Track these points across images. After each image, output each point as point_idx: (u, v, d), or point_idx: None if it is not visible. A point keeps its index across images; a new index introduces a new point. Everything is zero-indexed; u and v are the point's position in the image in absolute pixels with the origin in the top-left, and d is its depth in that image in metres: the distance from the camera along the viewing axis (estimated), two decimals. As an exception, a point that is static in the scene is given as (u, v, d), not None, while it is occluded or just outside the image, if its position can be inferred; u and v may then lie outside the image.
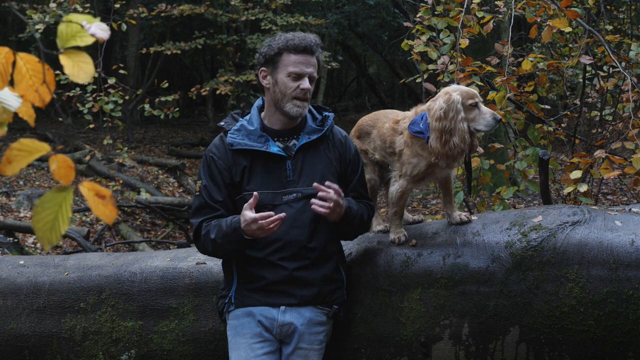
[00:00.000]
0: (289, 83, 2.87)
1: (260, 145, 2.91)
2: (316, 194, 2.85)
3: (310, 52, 2.88)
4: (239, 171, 2.91)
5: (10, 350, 3.49)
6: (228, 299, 2.96)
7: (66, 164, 1.29)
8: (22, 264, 3.72)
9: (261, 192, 2.86)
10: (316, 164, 2.95)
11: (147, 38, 20.20)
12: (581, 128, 6.05)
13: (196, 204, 2.96)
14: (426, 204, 10.84)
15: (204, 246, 2.94)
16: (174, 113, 7.55)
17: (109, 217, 1.32)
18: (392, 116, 3.21)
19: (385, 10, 16.94)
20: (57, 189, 1.30)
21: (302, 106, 2.90)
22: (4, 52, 1.29)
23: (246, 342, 2.88)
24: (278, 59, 2.89)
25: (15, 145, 1.29)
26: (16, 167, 1.28)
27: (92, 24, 1.31)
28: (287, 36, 2.90)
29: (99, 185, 1.32)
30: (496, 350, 2.88)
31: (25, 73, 1.30)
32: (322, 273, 2.93)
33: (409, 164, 3.04)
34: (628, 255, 2.77)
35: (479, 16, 4.72)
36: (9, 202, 10.85)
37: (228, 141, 2.94)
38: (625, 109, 4.66)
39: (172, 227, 10.86)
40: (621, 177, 6.13)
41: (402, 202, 3.10)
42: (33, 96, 1.30)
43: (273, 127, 2.97)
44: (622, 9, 8.02)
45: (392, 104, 21.32)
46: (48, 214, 1.30)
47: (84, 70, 1.31)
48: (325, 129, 3.00)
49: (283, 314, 2.89)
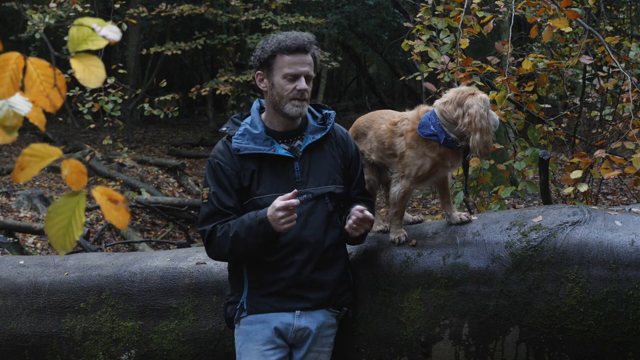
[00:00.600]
0: (286, 85, 2.85)
1: (267, 149, 2.88)
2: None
3: (304, 50, 2.86)
4: (247, 176, 2.88)
5: (10, 350, 3.49)
6: (240, 305, 2.90)
7: (78, 169, 1.27)
8: (22, 264, 3.72)
9: (271, 196, 2.83)
10: (323, 163, 2.95)
11: (147, 38, 20.19)
12: (581, 128, 6.05)
13: (206, 212, 2.89)
14: (426, 204, 10.84)
15: (219, 248, 2.87)
16: (174, 112, 7.54)
17: (122, 223, 1.30)
18: (388, 117, 3.18)
19: (385, 10, 16.94)
20: (69, 194, 1.29)
21: (301, 106, 2.88)
22: (15, 58, 1.28)
23: (258, 348, 2.84)
24: (272, 62, 2.86)
25: (27, 150, 1.28)
26: (29, 174, 1.27)
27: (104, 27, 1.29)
28: (279, 38, 2.87)
29: (112, 190, 1.30)
30: (496, 350, 2.88)
31: (36, 78, 1.29)
32: (335, 275, 2.92)
33: (413, 165, 3.02)
34: (628, 255, 2.77)
35: (479, 16, 4.71)
36: (9, 202, 10.85)
37: (234, 146, 2.89)
38: (625, 109, 4.66)
39: (172, 227, 10.86)
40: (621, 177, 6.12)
41: (404, 202, 3.10)
42: (44, 102, 1.30)
43: (276, 129, 2.95)
44: (622, 9, 8.02)
45: (392, 104, 21.31)
46: (61, 219, 1.28)
47: (95, 75, 1.29)
48: (328, 128, 2.99)
49: (298, 318, 2.87)
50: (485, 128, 2.94)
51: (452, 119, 2.96)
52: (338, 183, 2.96)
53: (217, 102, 21.17)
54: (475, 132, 2.94)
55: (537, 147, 4.68)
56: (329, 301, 2.92)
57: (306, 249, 2.86)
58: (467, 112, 2.95)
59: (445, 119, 2.97)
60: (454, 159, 3.06)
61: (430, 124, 2.97)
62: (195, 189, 12.82)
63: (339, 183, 2.97)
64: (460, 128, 2.94)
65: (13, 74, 1.27)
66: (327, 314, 2.93)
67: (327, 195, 2.92)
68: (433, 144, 2.99)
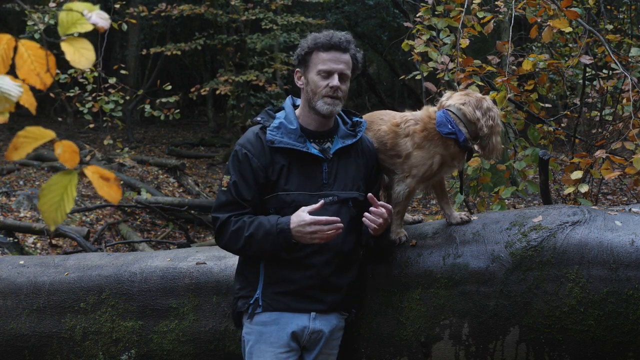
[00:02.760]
0: (319, 82, 2.84)
1: (300, 145, 2.87)
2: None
3: (340, 49, 2.85)
4: (276, 170, 2.85)
5: (10, 350, 3.49)
6: (254, 300, 2.86)
7: (71, 148, 1.34)
8: (22, 264, 3.72)
9: (298, 194, 2.84)
10: (348, 169, 2.95)
11: (147, 38, 20.20)
12: (581, 128, 6.05)
13: (222, 200, 2.86)
14: (426, 204, 10.85)
15: (230, 242, 2.84)
16: (175, 114, 7.53)
17: (114, 197, 1.37)
18: (388, 118, 3.17)
19: (385, 10, 16.94)
20: (62, 173, 1.35)
21: (332, 104, 2.86)
22: (6, 39, 1.34)
23: (272, 351, 2.82)
24: (309, 59, 2.87)
25: (22, 132, 1.33)
26: (22, 153, 1.33)
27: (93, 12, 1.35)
28: (316, 35, 2.88)
29: (103, 169, 1.37)
30: (496, 350, 2.88)
31: (27, 58, 1.34)
32: (349, 279, 2.93)
33: (422, 165, 3.02)
34: (628, 255, 2.77)
35: (480, 16, 4.71)
36: (9, 202, 10.85)
37: (268, 138, 2.86)
38: (625, 109, 4.66)
39: (172, 227, 10.86)
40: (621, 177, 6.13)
41: (408, 202, 3.11)
42: (34, 80, 1.35)
43: (308, 128, 2.94)
44: (622, 9, 8.01)
45: (392, 104, 21.30)
46: (54, 195, 1.35)
47: (85, 57, 1.34)
48: (359, 136, 2.99)
49: (314, 321, 2.86)
50: (502, 131, 2.99)
51: (473, 120, 3.00)
52: (361, 190, 2.97)
53: (217, 102, 21.17)
54: (496, 135, 3.02)
55: (537, 147, 4.68)
56: (341, 304, 2.93)
57: (327, 252, 2.85)
58: (488, 114, 3.01)
59: (467, 119, 3.00)
60: (459, 159, 3.07)
61: (448, 123, 2.99)
62: (195, 189, 12.83)
63: (362, 191, 2.97)
64: (483, 130, 3.00)
65: (4, 53, 1.33)
66: (339, 317, 2.95)
67: (352, 200, 2.92)
68: (449, 142, 3.00)
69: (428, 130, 3.01)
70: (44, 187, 1.34)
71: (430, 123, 3.02)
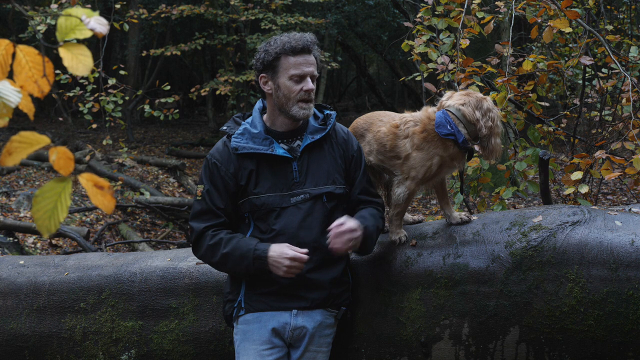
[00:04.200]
0: (293, 86, 2.84)
1: (265, 149, 2.88)
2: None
3: (308, 51, 2.86)
4: (245, 175, 2.89)
5: (10, 350, 3.49)
6: (237, 304, 2.94)
7: (65, 155, 1.33)
8: (22, 264, 3.73)
9: (268, 196, 2.86)
10: (321, 163, 2.95)
11: (147, 38, 20.20)
12: (581, 128, 6.05)
13: (197, 208, 2.94)
14: (426, 204, 10.85)
15: (207, 255, 2.91)
16: (174, 115, 7.54)
17: (108, 207, 1.35)
18: (387, 119, 3.16)
19: (385, 10, 16.96)
20: (56, 179, 1.34)
21: (308, 107, 2.88)
22: (4, 44, 1.32)
23: (255, 348, 2.86)
24: (277, 64, 2.86)
25: (16, 137, 1.32)
26: (16, 158, 1.31)
27: (91, 18, 1.34)
28: (282, 39, 2.86)
29: (98, 177, 1.35)
30: (496, 350, 2.88)
31: (24, 64, 1.33)
32: (332, 275, 2.93)
33: (422, 166, 3.01)
34: (628, 255, 2.77)
35: (480, 17, 4.71)
36: (9, 202, 10.85)
37: (232, 145, 2.90)
38: (624, 109, 4.66)
39: (172, 227, 10.86)
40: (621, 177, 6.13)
41: (407, 203, 3.10)
42: (32, 87, 1.33)
43: (277, 130, 2.95)
44: (622, 9, 8.02)
45: (392, 104, 21.32)
46: (47, 203, 1.33)
47: (82, 63, 1.33)
48: (328, 128, 2.98)
49: (295, 317, 2.88)
50: (502, 132, 2.99)
51: (473, 120, 2.99)
52: (338, 183, 2.96)
53: (217, 102, 21.18)
54: (496, 136, 3.02)
55: (537, 147, 4.68)
56: (326, 301, 2.92)
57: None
58: (488, 115, 3.00)
59: (467, 120, 2.99)
60: (459, 159, 3.07)
61: (447, 124, 2.98)
62: (195, 189, 12.82)
63: (340, 183, 2.96)
64: (482, 130, 2.99)
65: (2, 59, 1.32)
66: (325, 314, 2.94)
67: (325, 195, 2.92)
68: (448, 143, 2.99)
69: (427, 131, 3.01)
70: (37, 194, 1.33)
71: (429, 124, 3.01)
